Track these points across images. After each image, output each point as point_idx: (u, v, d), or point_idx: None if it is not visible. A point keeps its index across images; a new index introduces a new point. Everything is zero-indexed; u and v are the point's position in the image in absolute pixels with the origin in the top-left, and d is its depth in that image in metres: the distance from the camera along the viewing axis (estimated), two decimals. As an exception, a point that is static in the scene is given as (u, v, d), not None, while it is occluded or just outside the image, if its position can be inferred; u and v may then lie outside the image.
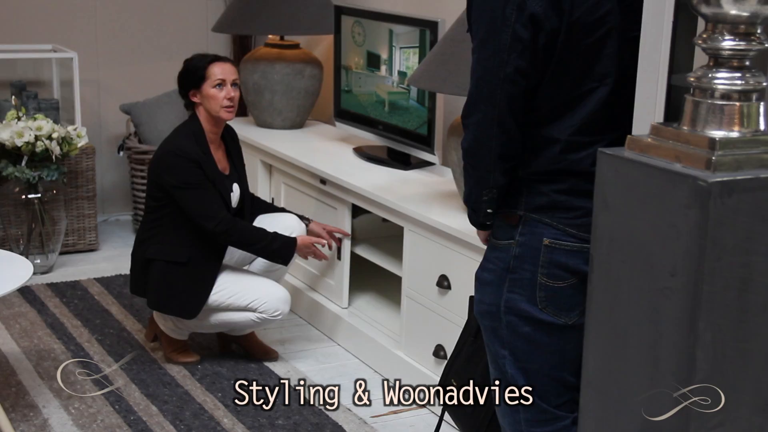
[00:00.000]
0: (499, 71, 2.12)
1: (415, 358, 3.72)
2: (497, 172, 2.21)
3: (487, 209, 2.27)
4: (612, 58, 2.17)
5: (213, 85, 3.74)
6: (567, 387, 2.34)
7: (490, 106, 2.15)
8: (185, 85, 3.80)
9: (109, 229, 5.55)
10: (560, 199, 2.21)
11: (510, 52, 2.11)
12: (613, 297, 1.90)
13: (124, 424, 3.44)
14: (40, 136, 4.57)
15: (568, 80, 2.17)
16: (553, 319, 2.26)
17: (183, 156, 3.70)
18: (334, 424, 3.47)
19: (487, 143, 2.18)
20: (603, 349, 1.95)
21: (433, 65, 3.43)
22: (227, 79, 3.76)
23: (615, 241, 1.88)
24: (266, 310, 3.76)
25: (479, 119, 2.18)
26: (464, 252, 3.41)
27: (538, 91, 2.17)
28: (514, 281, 2.27)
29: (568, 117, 2.18)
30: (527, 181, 2.24)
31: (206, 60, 3.79)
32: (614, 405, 1.93)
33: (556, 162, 2.20)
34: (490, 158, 2.19)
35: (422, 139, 4.12)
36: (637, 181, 1.83)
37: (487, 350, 2.42)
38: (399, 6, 4.66)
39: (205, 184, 3.71)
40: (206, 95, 3.75)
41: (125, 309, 4.41)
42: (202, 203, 3.70)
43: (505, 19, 2.10)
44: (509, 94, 2.14)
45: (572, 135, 2.18)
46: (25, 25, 5.31)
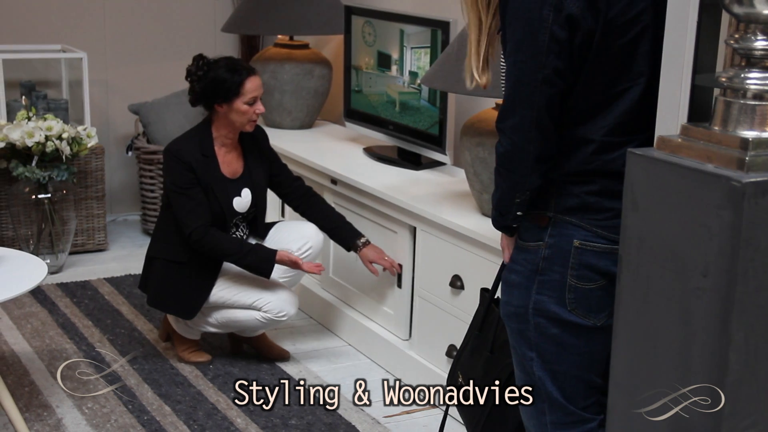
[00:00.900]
0: (537, 73, 2.11)
1: (427, 358, 3.72)
2: (534, 175, 2.19)
3: (517, 212, 2.26)
4: (646, 58, 2.16)
5: (245, 102, 3.71)
6: (594, 388, 2.34)
7: (528, 109, 2.13)
8: (212, 97, 3.74)
9: (118, 229, 5.54)
10: (591, 201, 2.20)
11: (548, 53, 2.09)
12: (643, 298, 1.89)
13: (137, 423, 3.44)
14: (50, 136, 4.56)
15: (602, 80, 2.16)
16: (582, 321, 2.25)
17: (176, 158, 3.70)
18: (347, 424, 3.47)
19: (524, 147, 2.16)
20: (631, 350, 1.94)
21: (446, 65, 3.43)
22: (258, 95, 3.75)
23: (644, 242, 1.87)
24: (270, 309, 3.75)
25: (516, 123, 2.16)
26: (478, 252, 3.41)
27: (572, 92, 2.16)
28: (543, 283, 2.26)
29: (602, 117, 2.17)
30: (558, 183, 2.23)
31: (241, 77, 3.71)
32: (644, 406, 1.92)
33: (588, 163, 2.19)
34: (528, 162, 2.17)
35: (433, 139, 4.12)
36: (667, 181, 1.83)
37: (513, 353, 2.41)
38: (408, 6, 4.66)
39: (193, 190, 3.69)
40: (236, 109, 3.72)
41: (136, 309, 4.41)
42: (184, 208, 3.70)
43: (542, 20, 2.08)
44: (547, 95, 2.12)
45: (606, 135, 2.17)
46: (33, 25, 5.30)
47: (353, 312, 4.17)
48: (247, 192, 3.86)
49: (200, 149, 3.73)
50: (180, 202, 3.70)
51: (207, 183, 3.72)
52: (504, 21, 2.19)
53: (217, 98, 3.72)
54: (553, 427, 2.34)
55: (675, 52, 2.07)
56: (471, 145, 3.50)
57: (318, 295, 4.38)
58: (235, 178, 3.83)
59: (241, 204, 3.84)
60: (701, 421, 1.82)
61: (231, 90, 3.69)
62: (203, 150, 3.74)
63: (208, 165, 3.73)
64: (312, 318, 4.40)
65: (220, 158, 3.79)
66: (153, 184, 5.29)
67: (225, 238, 3.73)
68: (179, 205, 3.70)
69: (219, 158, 3.78)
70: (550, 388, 2.32)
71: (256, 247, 3.75)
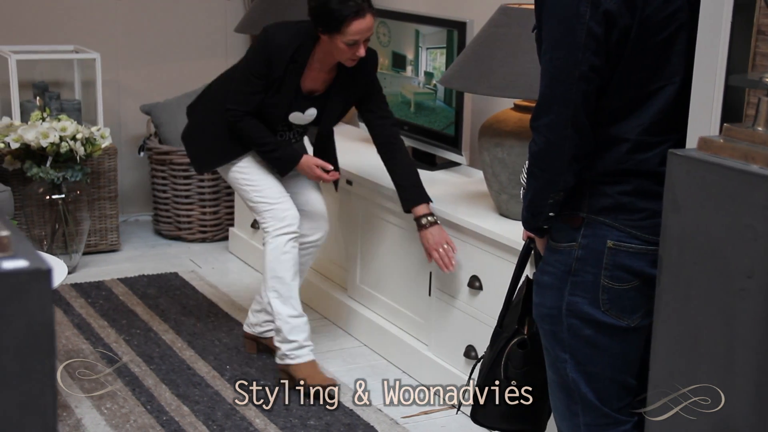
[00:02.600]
0: (574, 69, 2.10)
1: (445, 359, 3.71)
2: (569, 174, 2.18)
3: (550, 213, 2.25)
4: (681, 56, 2.15)
5: (345, 41, 3.44)
6: (628, 390, 2.33)
7: (563, 107, 2.12)
8: (317, 21, 3.47)
9: (129, 229, 5.54)
10: (625, 201, 2.19)
11: (585, 50, 2.08)
12: (684, 299, 1.89)
13: (156, 424, 3.44)
14: (64, 136, 4.56)
15: (636, 78, 2.15)
16: (616, 322, 2.24)
17: (265, 48, 3.54)
18: (365, 425, 3.47)
19: (560, 144, 2.15)
20: (672, 351, 1.94)
21: (466, 66, 3.43)
22: (361, 38, 3.45)
23: (686, 243, 1.86)
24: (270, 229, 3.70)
25: (552, 120, 2.15)
26: (496, 252, 3.41)
27: (607, 90, 2.16)
28: (576, 284, 2.25)
29: (637, 116, 2.17)
30: (591, 183, 2.22)
31: (347, 13, 3.39)
32: (684, 409, 1.92)
33: (622, 162, 2.18)
34: (563, 160, 2.16)
35: (449, 139, 4.12)
36: (710, 182, 1.82)
37: (545, 354, 2.40)
38: (421, 6, 4.66)
39: (258, 81, 3.55)
40: (335, 45, 3.46)
41: (151, 309, 4.41)
42: (239, 87, 3.61)
43: (579, 16, 2.08)
44: (583, 92, 2.11)
45: (641, 135, 2.16)
46: (44, 25, 5.30)
47: (372, 314, 4.16)
48: (313, 111, 3.70)
49: (294, 53, 3.52)
50: (241, 79, 3.61)
51: (278, 85, 3.56)
52: (540, 19, 2.18)
53: (321, 25, 3.47)
54: (586, 428, 2.33)
55: (708, 53, 2.07)
56: (489, 146, 3.50)
57: (336, 297, 4.37)
58: (310, 95, 3.66)
59: (299, 119, 3.71)
60: (743, 422, 1.81)
61: (332, 24, 3.42)
62: (297, 55, 3.53)
63: (291, 72, 3.54)
64: (327, 318, 4.40)
65: (307, 70, 3.59)
66: (165, 184, 5.29)
67: (258, 129, 3.62)
68: (239, 80, 3.61)
69: (307, 70, 3.59)
70: (584, 390, 2.31)
71: (284, 147, 3.66)
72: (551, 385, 2.40)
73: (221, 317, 4.37)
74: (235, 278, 4.92)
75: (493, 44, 3.36)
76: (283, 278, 3.66)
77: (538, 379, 2.68)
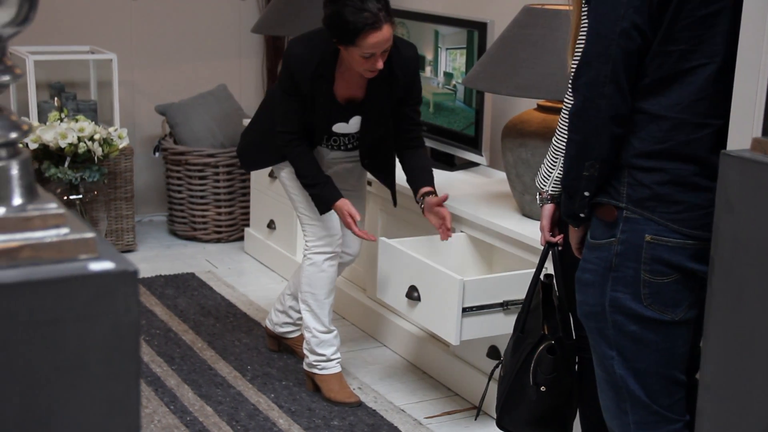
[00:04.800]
0: (616, 26, 2.13)
1: (469, 359, 3.72)
2: (605, 136, 2.18)
3: (585, 192, 2.25)
4: (723, 37, 2.15)
5: (361, 54, 3.25)
6: (678, 385, 2.33)
7: (604, 63, 2.14)
8: (331, 32, 3.29)
9: (144, 229, 5.55)
10: (663, 192, 2.19)
11: (627, 6, 2.12)
12: (736, 300, 1.88)
13: (180, 424, 3.44)
14: (82, 137, 4.57)
15: (677, 51, 2.16)
16: (659, 316, 2.25)
17: (288, 65, 3.41)
18: (389, 425, 3.47)
19: (597, 103, 2.16)
20: (724, 352, 1.93)
21: (489, 66, 3.43)
22: (378, 51, 3.26)
23: (739, 244, 1.86)
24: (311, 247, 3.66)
25: (591, 78, 2.17)
26: (519, 253, 3.41)
27: (646, 60, 2.17)
28: (617, 279, 2.26)
29: (675, 92, 2.17)
30: (628, 167, 2.22)
31: (362, 25, 3.19)
32: (736, 409, 1.92)
33: (661, 141, 2.19)
34: (599, 119, 2.17)
35: (469, 140, 4.12)
36: (764, 183, 1.81)
37: (593, 352, 2.40)
38: (438, 6, 4.66)
39: (292, 98, 3.43)
40: (351, 56, 3.28)
41: (169, 310, 4.41)
42: (280, 108, 3.49)
43: None
44: (625, 49, 2.13)
45: (679, 113, 2.17)
46: (60, 26, 5.30)
47: (393, 316, 4.16)
48: (357, 119, 3.52)
49: (318, 66, 3.37)
50: (278, 101, 3.51)
51: (312, 100, 3.42)
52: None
53: (333, 36, 3.29)
54: (636, 427, 2.33)
55: (751, 46, 2.06)
56: (513, 146, 3.50)
57: (358, 300, 4.37)
58: (348, 104, 3.49)
59: (344, 128, 3.55)
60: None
61: (346, 36, 3.23)
62: (321, 69, 3.38)
63: (319, 86, 3.39)
64: (345, 319, 4.40)
65: (338, 79, 3.43)
66: (180, 185, 5.29)
67: (305, 159, 3.50)
68: (278, 102, 3.51)
69: (337, 79, 3.43)
70: (633, 387, 2.31)
71: (328, 183, 3.51)
72: (600, 383, 2.40)
73: (240, 317, 4.38)
74: (252, 278, 4.92)
75: (517, 45, 3.37)
76: (317, 295, 3.66)
77: (566, 384, 2.69)
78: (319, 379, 3.68)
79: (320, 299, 3.65)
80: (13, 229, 1.03)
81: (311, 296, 3.65)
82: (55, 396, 1.01)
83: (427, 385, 3.81)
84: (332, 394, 3.63)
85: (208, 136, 5.27)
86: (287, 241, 4.86)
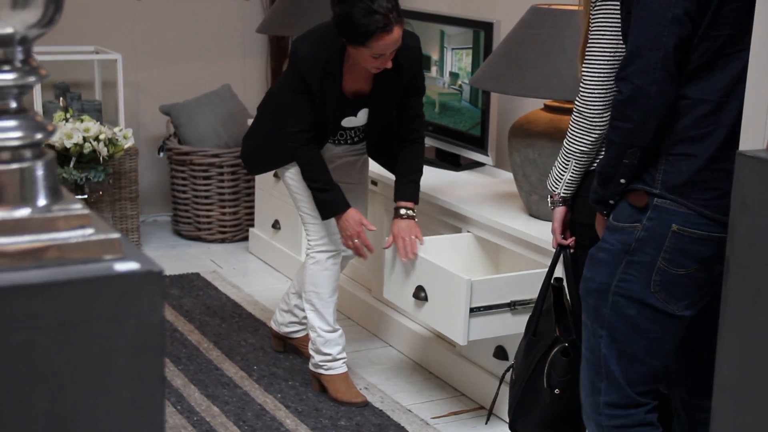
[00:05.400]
0: (667, 12, 2.13)
1: (475, 359, 3.71)
2: (653, 123, 2.18)
3: (621, 179, 2.25)
4: None
5: (371, 55, 3.26)
6: (655, 377, 2.36)
7: (655, 50, 2.15)
8: (341, 31, 3.28)
9: (149, 229, 5.55)
10: (699, 179, 2.20)
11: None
12: (753, 301, 1.88)
13: (188, 424, 3.44)
14: (87, 137, 4.57)
15: (721, 36, 2.17)
16: (662, 306, 2.27)
17: (295, 63, 3.40)
18: (396, 425, 3.47)
19: (647, 90, 2.16)
20: (740, 353, 1.93)
21: (497, 66, 3.43)
22: (387, 52, 3.28)
23: (755, 244, 1.86)
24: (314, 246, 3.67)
25: (642, 65, 2.16)
26: (527, 253, 3.41)
27: (693, 42, 2.17)
28: (632, 263, 2.27)
29: (718, 75, 2.18)
30: (666, 157, 2.23)
31: (373, 28, 3.18)
32: (753, 411, 1.91)
33: (702, 126, 2.20)
34: (648, 107, 2.17)
35: (475, 140, 4.12)
36: (780, 183, 1.82)
37: (584, 330, 2.43)
38: (443, 6, 4.66)
39: (301, 96, 3.42)
40: (360, 54, 3.28)
41: (175, 310, 4.41)
42: (288, 106, 3.48)
43: None
44: (677, 36, 2.14)
45: (722, 96, 2.18)
46: (64, 26, 5.28)
47: (399, 316, 4.16)
48: (365, 112, 3.54)
49: (326, 64, 3.37)
50: (286, 99, 3.50)
51: (322, 96, 3.42)
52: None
53: (342, 36, 3.29)
54: (606, 407, 2.37)
55: (763, 52, 2.06)
56: (520, 146, 3.50)
57: (364, 300, 4.37)
58: (356, 97, 3.50)
59: (353, 122, 3.56)
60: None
61: (356, 38, 3.23)
62: (329, 66, 3.38)
63: (328, 82, 3.40)
64: (351, 319, 4.40)
65: (346, 74, 3.44)
66: (185, 185, 5.29)
67: (317, 164, 3.49)
68: (285, 101, 3.50)
69: (345, 74, 3.43)
70: (613, 368, 2.34)
71: (336, 190, 3.50)
72: (583, 362, 2.43)
73: (245, 317, 4.38)
74: (256, 278, 4.92)
75: (525, 45, 3.37)
76: (321, 294, 3.66)
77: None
78: (326, 379, 3.68)
79: (324, 298, 3.65)
80: (38, 229, 1.03)
81: (315, 295, 3.65)
82: (80, 396, 1.01)
83: (433, 386, 3.81)
84: (339, 394, 3.63)
85: (212, 136, 5.27)
86: (292, 241, 4.86)
